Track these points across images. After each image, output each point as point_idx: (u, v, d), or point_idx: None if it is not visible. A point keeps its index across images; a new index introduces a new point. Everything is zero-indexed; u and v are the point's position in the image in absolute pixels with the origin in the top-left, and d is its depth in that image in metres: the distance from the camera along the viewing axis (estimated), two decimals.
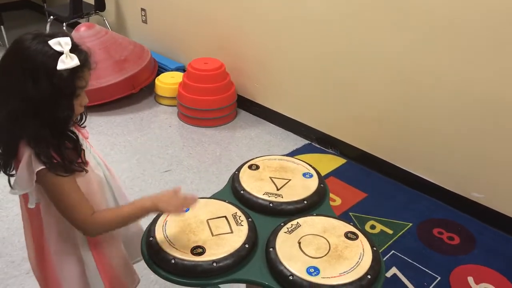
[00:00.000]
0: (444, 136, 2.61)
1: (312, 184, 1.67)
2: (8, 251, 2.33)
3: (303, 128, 3.34)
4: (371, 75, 2.80)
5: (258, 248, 1.43)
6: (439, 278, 2.22)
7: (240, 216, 1.51)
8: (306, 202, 1.60)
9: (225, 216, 1.50)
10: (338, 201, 2.71)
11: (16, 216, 2.51)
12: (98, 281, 1.41)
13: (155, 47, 4.19)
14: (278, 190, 1.63)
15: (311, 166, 1.78)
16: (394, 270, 2.25)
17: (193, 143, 3.30)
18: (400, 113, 2.76)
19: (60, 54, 1.14)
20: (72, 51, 1.15)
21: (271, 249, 1.38)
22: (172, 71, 3.93)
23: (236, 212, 1.52)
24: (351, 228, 1.47)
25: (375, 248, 1.40)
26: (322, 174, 1.77)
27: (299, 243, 1.41)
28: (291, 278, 1.29)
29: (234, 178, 1.70)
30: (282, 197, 1.60)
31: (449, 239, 2.47)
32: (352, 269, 1.32)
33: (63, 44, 1.15)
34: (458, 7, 2.32)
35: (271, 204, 1.57)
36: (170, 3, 3.94)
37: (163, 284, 2.12)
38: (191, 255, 1.35)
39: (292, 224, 1.48)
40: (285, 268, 1.31)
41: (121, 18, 4.59)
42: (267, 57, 3.36)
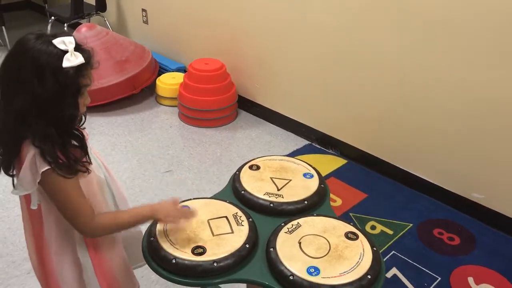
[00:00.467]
0: (444, 136, 2.61)
1: (313, 185, 1.67)
2: (9, 251, 2.33)
3: (304, 129, 3.34)
4: (371, 75, 2.81)
5: (259, 248, 1.44)
6: (439, 279, 2.23)
7: (240, 216, 1.51)
8: (306, 203, 1.60)
9: (225, 216, 1.51)
10: (339, 201, 2.72)
11: (17, 217, 2.51)
12: (95, 284, 1.41)
13: (156, 47, 4.19)
14: (278, 190, 1.64)
15: (311, 166, 1.78)
16: (394, 271, 2.25)
17: (193, 143, 3.31)
18: (400, 113, 2.76)
19: (65, 52, 1.15)
20: (76, 50, 1.16)
21: (271, 249, 1.39)
22: (173, 71, 3.94)
23: (236, 212, 1.53)
24: (351, 228, 1.48)
25: (375, 248, 1.41)
26: (322, 175, 1.77)
27: (300, 243, 1.41)
28: (291, 278, 1.30)
29: (235, 179, 1.71)
30: (283, 197, 1.60)
31: (449, 240, 2.47)
32: (352, 269, 1.32)
33: (67, 43, 1.16)
34: (458, 7, 2.32)
35: (271, 204, 1.58)
36: (171, 4, 3.94)
37: (164, 284, 2.12)
38: (192, 255, 1.35)
39: (292, 224, 1.48)
40: (285, 268, 1.32)
41: (122, 18, 4.60)
42: (267, 57, 3.36)
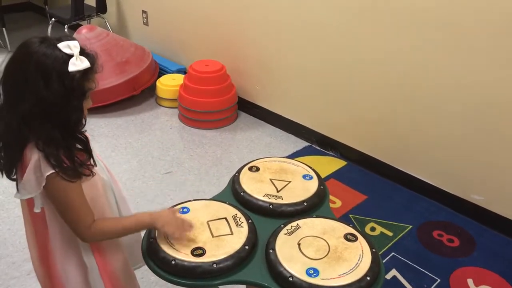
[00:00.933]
0: (444, 138, 2.61)
1: (312, 186, 1.67)
2: (9, 252, 2.33)
3: (304, 130, 3.34)
4: (371, 77, 2.81)
5: (258, 250, 1.44)
6: (439, 280, 2.23)
7: (240, 218, 1.51)
8: (306, 204, 1.60)
9: (225, 218, 1.51)
10: (338, 203, 2.72)
11: (18, 218, 2.52)
12: (100, 285, 1.41)
13: (156, 49, 4.20)
14: (278, 192, 1.64)
15: (311, 168, 1.78)
16: (394, 272, 2.26)
17: (194, 145, 3.31)
18: (400, 115, 2.76)
19: (70, 56, 1.15)
20: (80, 54, 1.17)
21: (271, 250, 1.39)
22: (173, 73, 3.94)
23: (236, 214, 1.53)
24: (351, 230, 1.48)
25: (374, 250, 1.41)
26: (322, 176, 1.78)
27: (299, 244, 1.41)
28: (290, 279, 1.30)
29: (235, 180, 1.71)
30: (282, 198, 1.61)
31: (449, 241, 2.47)
32: (352, 270, 1.32)
33: (72, 47, 1.16)
34: (458, 9, 2.33)
35: (271, 206, 1.58)
36: (171, 5, 3.95)
37: (164, 285, 2.12)
38: (191, 256, 1.36)
39: (292, 226, 1.48)
40: (284, 269, 1.32)
41: (122, 20, 4.60)
42: (267, 59, 3.37)
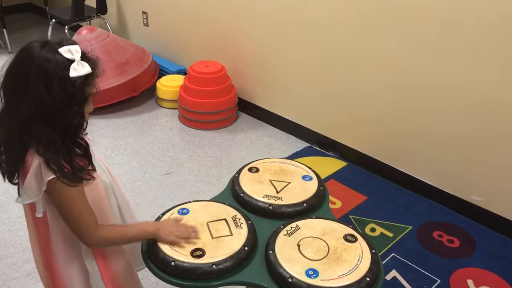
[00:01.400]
0: (443, 138, 2.61)
1: (312, 187, 1.67)
2: (9, 253, 2.34)
3: (304, 131, 3.34)
4: (371, 78, 2.81)
5: (258, 251, 1.44)
6: (438, 281, 2.23)
7: (239, 219, 1.51)
8: (305, 205, 1.60)
9: (225, 219, 1.51)
10: (338, 204, 2.72)
11: (18, 219, 2.52)
12: None
13: (157, 50, 4.20)
14: (277, 192, 1.64)
15: (310, 168, 1.78)
16: (394, 273, 2.26)
17: (194, 145, 3.31)
18: (400, 115, 2.76)
19: (71, 61, 1.15)
20: (81, 59, 1.16)
21: (270, 251, 1.39)
22: (173, 74, 3.94)
23: (235, 215, 1.53)
24: (350, 231, 1.48)
25: (374, 251, 1.41)
26: (322, 177, 1.78)
27: (299, 245, 1.41)
28: (290, 280, 1.30)
29: (234, 181, 1.71)
30: (282, 199, 1.61)
31: (449, 242, 2.47)
32: (351, 271, 1.32)
33: (73, 51, 1.15)
34: (457, 10, 2.33)
35: (270, 207, 1.58)
36: (172, 6, 3.95)
37: (163, 286, 2.11)
38: (191, 257, 1.36)
39: (291, 227, 1.48)
40: (284, 270, 1.32)
41: (122, 21, 4.61)
42: (267, 60, 3.37)
